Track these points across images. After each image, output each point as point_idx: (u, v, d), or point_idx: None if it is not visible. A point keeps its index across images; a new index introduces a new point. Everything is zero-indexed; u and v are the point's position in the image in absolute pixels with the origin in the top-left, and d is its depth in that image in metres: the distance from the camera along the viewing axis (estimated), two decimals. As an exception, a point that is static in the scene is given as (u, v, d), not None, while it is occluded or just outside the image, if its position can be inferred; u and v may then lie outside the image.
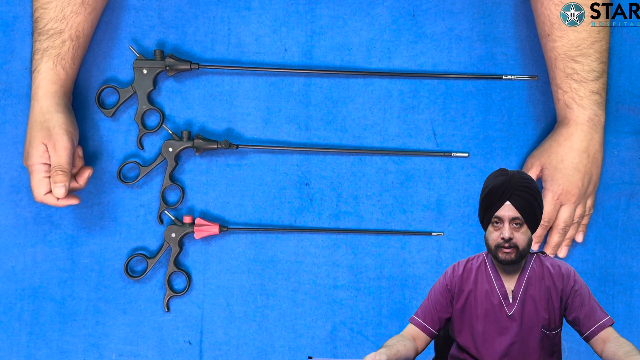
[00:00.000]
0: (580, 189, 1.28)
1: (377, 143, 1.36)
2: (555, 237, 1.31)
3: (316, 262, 1.35)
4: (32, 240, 1.35)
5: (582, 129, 1.27)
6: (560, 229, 1.30)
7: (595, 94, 1.26)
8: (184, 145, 1.33)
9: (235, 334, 1.35)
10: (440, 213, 1.35)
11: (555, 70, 1.28)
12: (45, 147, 1.23)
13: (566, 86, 1.27)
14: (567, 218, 1.30)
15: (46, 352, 1.35)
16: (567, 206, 1.29)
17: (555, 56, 1.27)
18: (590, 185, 1.29)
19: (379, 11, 1.36)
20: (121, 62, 1.36)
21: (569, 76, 1.26)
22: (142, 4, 1.36)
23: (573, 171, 1.27)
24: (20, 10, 1.36)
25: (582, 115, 1.27)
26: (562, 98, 1.28)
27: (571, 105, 1.27)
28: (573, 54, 1.25)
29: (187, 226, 1.33)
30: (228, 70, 1.36)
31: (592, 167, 1.28)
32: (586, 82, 1.26)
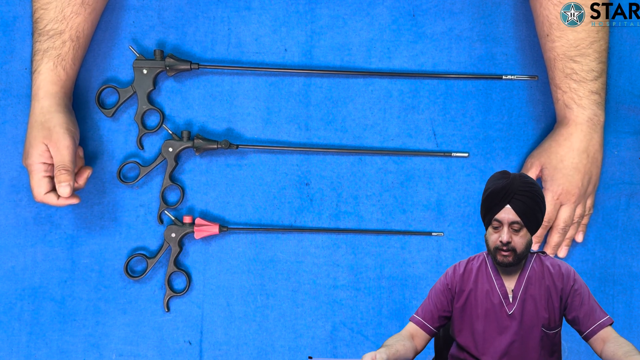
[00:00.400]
0: (580, 188, 1.28)
1: (377, 143, 1.36)
2: (555, 237, 1.31)
3: (316, 262, 1.35)
4: (32, 240, 1.35)
5: (581, 129, 1.27)
6: (560, 229, 1.30)
7: (594, 93, 1.26)
8: (184, 145, 1.33)
9: (235, 334, 1.35)
10: (440, 213, 1.35)
11: (554, 71, 1.28)
12: (45, 147, 1.23)
13: (565, 86, 1.27)
14: (567, 218, 1.30)
15: (46, 352, 1.35)
16: (567, 206, 1.29)
17: (555, 56, 1.27)
18: (590, 185, 1.29)
19: (379, 11, 1.36)
20: (121, 62, 1.36)
21: (568, 76, 1.26)
22: (142, 4, 1.36)
23: (573, 171, 1.27)
24: (20, 10, 1.36)
25: (581, 115, 1.27)
26: (561, 98, 1.28)
27: (570, 105, 1.27)
28: (572, 54, 1.25)
29: (187, 226, 1.33)
30: (228, 70, 1.36)
31: (591, 167, 1.28)
32: (585, 82, 1.26)
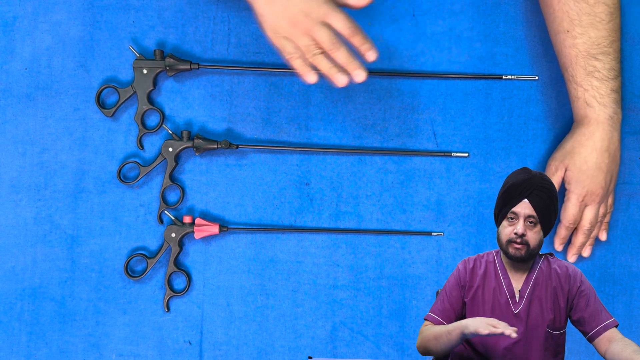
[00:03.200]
0: (603, 188, 1.27)
1: (377, 143, 1.36)
2: (580, 237, 1.30)
3: (316, 262, 1.35)
4: (32, 240, 1.35)
5: (603, 128, 1.26)
6: (586, 229, 1.29)
7: (614, 92, 1.26)
8: (184, 145, 1.33)
9: (235, 334, 1.35)
10: (440, 213, 1.35)
11: (575, 68, 1.26)
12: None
13: (587, 84, 1.26)
14: (593, 219, 1.29)
15: (46, 352, 1.35)
16: (591, 207, 1.28)
17: (577, 53, 1.25)
18: (611, 183, 1.29)
19: (379, 11, 1.36)
20: (121, 62, 1.36)
21: (590, 74, 1.25)
22: (142, 4, 1.36)
23: (597, 172, 1.26)
24: (20, 10, 1.36)
25: (603, 113, 1.26)
26: (582, 96, 1.27)
27: (592, 104, 1.26)
28: (594, 52, 1.24)
29: (187, 226, 1.33)
30: (228, 70, 1.36)
31: (612, 165, 1.28)
32: (607, 80, 1.25)
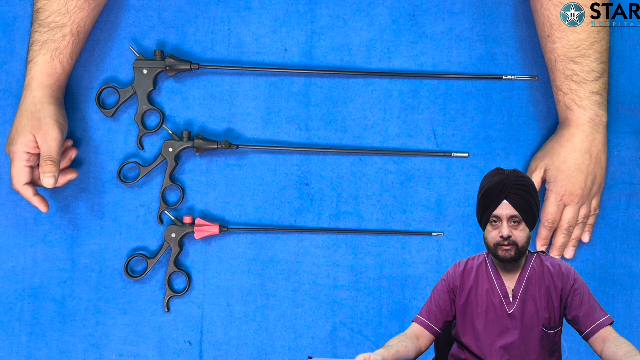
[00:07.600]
0: (583, 189, 1.28)
1: (377, 143, 1.36)
2: (560, 237, 1.31)
3: (316, 262, 1.35)
4: (32, 240, 1.35)
5: (583, 130, 1.27)
6: (564, 229, 1.30)
7: (595, 94, 1.26)
8: (184, 145, 1.33)
9: (235, 334, 1.35)
10: (440, 213, 1.35)
11: (555, 72, 1.28)
12: (32, 137, 1.23)
13: (566, 87, 1.27)
14: (571, 219, 1.30)
15: (46, 352, 1.35)
16: (570, 207, 1.29)
17: (555, 58, 1.27)
18: (594, 185, 1.29)
19: (379, 11, 1.36)
20: (121, 62, 1.36)
21: (568, 77, 1.26)
22: (142, 4, 1.36)
23: (575, 172, 1.27)
24: (20, 10, 1.36)
25: (582, 116, 1.27)
26: (562, 100, 1.28)
27: (571, 107, 1.27)
28: (572, 55, 1.25)
29: (187, 226, 1.33)
30: (228, 70, 1.36)
31: (595, 167, 1.28)
32: (586, 82, 1.26)
